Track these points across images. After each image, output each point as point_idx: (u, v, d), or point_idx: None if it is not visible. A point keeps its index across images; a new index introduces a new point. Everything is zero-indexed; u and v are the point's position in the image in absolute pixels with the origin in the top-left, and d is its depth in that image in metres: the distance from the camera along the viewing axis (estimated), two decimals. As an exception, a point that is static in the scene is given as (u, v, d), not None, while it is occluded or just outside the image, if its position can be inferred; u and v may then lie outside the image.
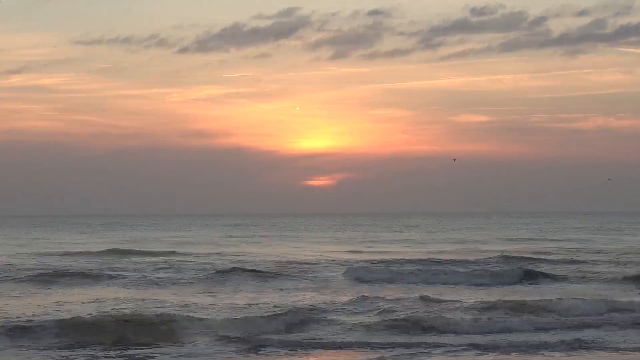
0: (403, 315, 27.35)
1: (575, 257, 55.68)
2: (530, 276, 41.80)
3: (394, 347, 22.82)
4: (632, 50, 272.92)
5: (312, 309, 29.11)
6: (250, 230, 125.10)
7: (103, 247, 68.16)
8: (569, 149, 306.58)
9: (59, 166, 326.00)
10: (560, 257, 56.62)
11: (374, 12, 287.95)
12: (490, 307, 29.01)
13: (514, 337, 24.43)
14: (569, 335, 24.37)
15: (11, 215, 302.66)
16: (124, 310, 27.86)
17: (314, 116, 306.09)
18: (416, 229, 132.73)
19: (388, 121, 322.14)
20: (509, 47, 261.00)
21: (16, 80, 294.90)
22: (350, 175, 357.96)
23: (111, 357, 21.59)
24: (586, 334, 24.68)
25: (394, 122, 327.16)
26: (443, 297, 32.45)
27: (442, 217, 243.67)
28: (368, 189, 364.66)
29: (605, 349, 22.61)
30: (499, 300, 30.18)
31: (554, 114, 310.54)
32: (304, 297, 33.59)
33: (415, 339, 24.24)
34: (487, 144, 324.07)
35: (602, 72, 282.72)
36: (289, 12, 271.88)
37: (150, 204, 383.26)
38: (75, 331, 24.11)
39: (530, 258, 54.49)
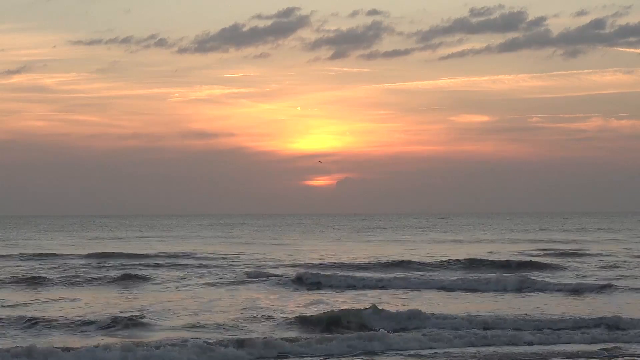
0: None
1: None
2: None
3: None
4: (631, 50, 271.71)
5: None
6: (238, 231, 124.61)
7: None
8: (569, 149, 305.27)
9: (59, 166, 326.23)
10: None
11: (374, 12, 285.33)
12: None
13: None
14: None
15: (11, 216, 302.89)
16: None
17: (314, 116, 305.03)
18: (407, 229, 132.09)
19: (388, 121, 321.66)
20: (508, 47, 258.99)
21: (16, 80, 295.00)
22: (350, 175, 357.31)
23: None
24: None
25: (394, 122, 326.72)
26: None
27: (440, 217, 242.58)
28: (368, 189, 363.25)
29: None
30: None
31: (554, 114, 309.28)
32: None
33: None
34: (487, 144, 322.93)
35: (602, 72, 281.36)
36: (288, 12, 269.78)
37: (150, 204, 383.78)
38: None
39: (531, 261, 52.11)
